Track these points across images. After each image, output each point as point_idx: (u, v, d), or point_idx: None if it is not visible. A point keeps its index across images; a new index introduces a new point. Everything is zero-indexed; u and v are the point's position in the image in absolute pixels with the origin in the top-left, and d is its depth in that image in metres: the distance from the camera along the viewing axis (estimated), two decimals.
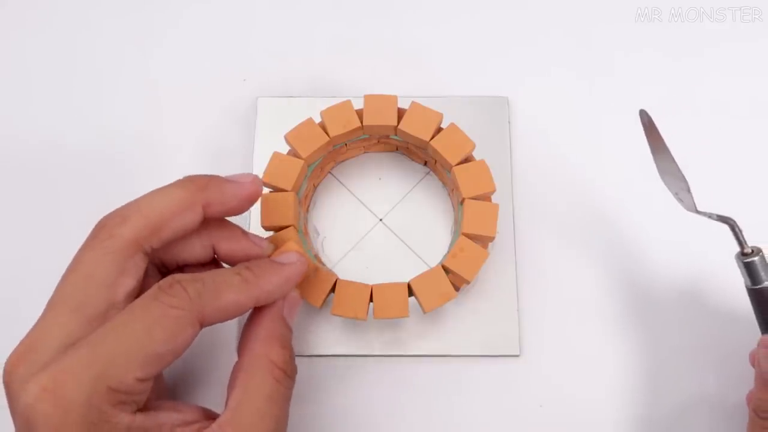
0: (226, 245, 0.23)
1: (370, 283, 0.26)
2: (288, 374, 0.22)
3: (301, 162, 0.27)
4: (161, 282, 0.20)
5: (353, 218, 0.30)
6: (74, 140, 0.32)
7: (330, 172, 0.31)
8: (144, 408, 0.20)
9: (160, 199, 0.21)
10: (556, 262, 0.29)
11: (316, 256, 0.28)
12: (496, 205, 0.26)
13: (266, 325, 0.22)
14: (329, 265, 0.29)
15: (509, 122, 0.31)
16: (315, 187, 0.30)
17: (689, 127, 0.31)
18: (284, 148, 0.28)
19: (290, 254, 0.24)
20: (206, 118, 0.32)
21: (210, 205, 0.22)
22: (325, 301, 0.26)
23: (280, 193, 0.26)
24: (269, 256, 0.24)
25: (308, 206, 0.30)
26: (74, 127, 0.32)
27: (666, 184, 0.25)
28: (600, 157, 0.31)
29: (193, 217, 0.22)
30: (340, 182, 0.30)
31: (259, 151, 0.30)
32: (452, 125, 0.27)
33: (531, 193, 0.30)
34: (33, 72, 0.33)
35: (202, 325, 0.21)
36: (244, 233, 0.24)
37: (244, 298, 0.21)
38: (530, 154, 0.31)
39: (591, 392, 0.27)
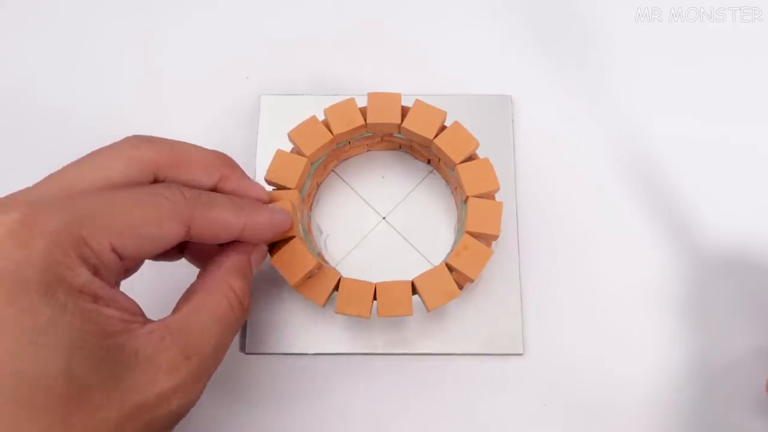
0: (231, 184, 0.23)
1: (374, 281, 0.26)
2: (243, 306, 0.22)
3: (305, 160, 0.27)
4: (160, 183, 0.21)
5: (356, 216, 0.30)
6: (77, 138, 0.31)
7: (333, 170, 0.30)
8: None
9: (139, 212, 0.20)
10: (559, 261, 0.29)
11: (320, 255, 0.28)
12: (500, 203, 0.26)
13: (233, 258, 0.23)
14: (332, 264, 0.29)
15: (513, 120, 0.31)
16: (318, 185, 0.30)
17: (689, 127, 0.31)
18: (287, 146, 0.28)
19: (282, 208, 0.24)
20: (209, 115, 0.32)
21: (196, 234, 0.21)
22: (328, 299, 0.26)
23: (279, 201, 0.26)
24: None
25: (311, 204, 0.30)
26: (76, 125, 0.32)
27: None
28: (603, 155, 0.31)
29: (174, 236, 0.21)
30: (344, 180, 0.30)
31: (262, 149, 0.30)
32: (456, 123, 0.27)
33: (534, 192, 0.30)
34: (35, 70, 0.33)
35: (187, 232, 0.20)
36: (247, 176, 0.24)
37: (233, 219, 0.22)
38: (534, 152, 0.31)
39: (595, 391, 0.28)
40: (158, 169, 0.21)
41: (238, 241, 0.23)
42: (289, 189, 0.26)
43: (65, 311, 0.17)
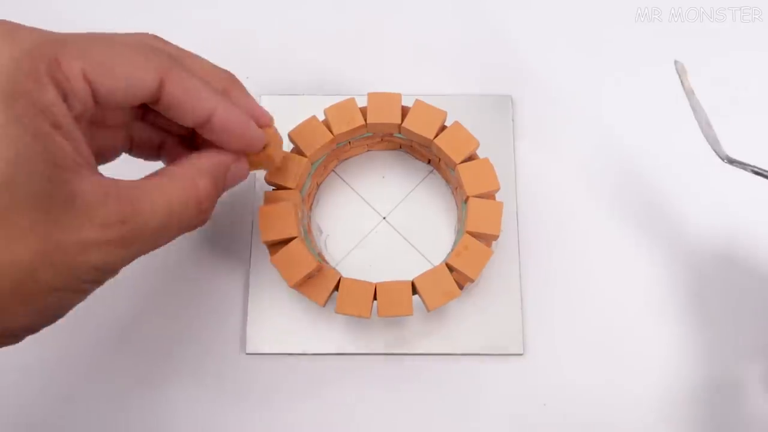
0: (232, 99, 0.23)
1: (374, 281, 0.26)
2: (200, 207, 0.21)
3: (305, 160, 0.27)
4: None
5: (357, 216, 0.30)
6: None
7: (333, 170, 0.30)
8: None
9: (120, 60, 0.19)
10: (559, 261, 0.29)
11: (320, 255, 0.28)
12: (501, 203, 0.26)
13: (209, 160, 0.22)
14: (333, 264, 0.29)
15: (513, 120, 0.31)
16: (318, 185, 0.30)
17: (689, 127, 0.31)
18: (287, 146, 0.28)
19: (263, 131, 0.23)
20: None
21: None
22: (328, 299, 0.26)
23: (278, 204, 0.26)
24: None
25: (311, 204, 0.30)
26: None
27: (704, 132, 0.25)
28: (603, 155, 0.31)
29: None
30: (344, 180, 0.30)
31: None
32: (456, 123, 0.27)
33: (534, 192, 0.30)
34: None
35: (159, 89, 0.20)
36: (251, 96, 0.24)
37: (206, 95, 0.21)
38: (534, 152, 0.31)
39: (595, 391, 0.28)
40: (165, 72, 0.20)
41: (217, 148, 0.22)
42: (289, 189, 0.26)
43: (18, 124, 0.16)
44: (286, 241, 0.26)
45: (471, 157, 0.27)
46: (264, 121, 0.24)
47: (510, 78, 0.32)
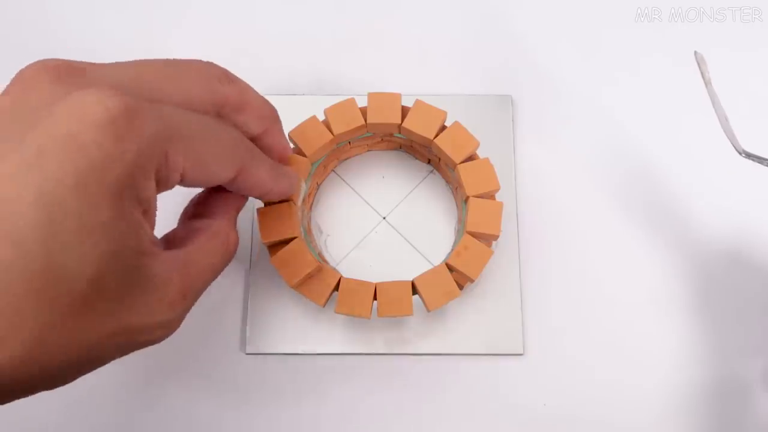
0: (272, 139, 0.24)
1: (374, 281, 0.26)
2: (230, 256, 0.22)
3: (306, 160, 0.27)
4: None
5: (357, 216, 0.30)
6: None
7: (333, 170, 0.30)
8: None
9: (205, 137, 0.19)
10: (560, 260, 0.29)
11: (320, 255, 0.28)
12: (501, 203, 0.26)
13: (235, 207, 0.23)
14: (333, 264, 0.29)
15: (513, 120, 0.31)
16: (318, 185, 0.30)
17: (689, 127, 0.31)
18: None
19: (297, 177, 0.25)
20: None
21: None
22: (328, 299, 0.26)
23: (278, 205, 0.26)
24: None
25: (311, 204, 0.30)
26: None
27: (722, 125, 0.25)
28: (603, 155, 0.31)
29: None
30: (344, 180, 0.30)
31: None
32: (456, 123, 0.27)
33: (534, 192, 0.30)
34: None
35: (234, 180, 0.21)
36: (284, 133, 0.25)
37: (269, 183, 0.22)
38: (534, 152, 0.31)
39: (595, 391, 0.28)
40: (224, 107, 0.21)
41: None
42: (286, 200, 0.26)
43: (123, 219, 0.16)
44: (286, 242, 0.26)
45: (471, 157, 0.27)
46: (288, 158, 0.25)
47: (510, 78, 0.32)
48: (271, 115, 0.23)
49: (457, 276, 0.26)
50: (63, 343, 0.16)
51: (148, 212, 0.18)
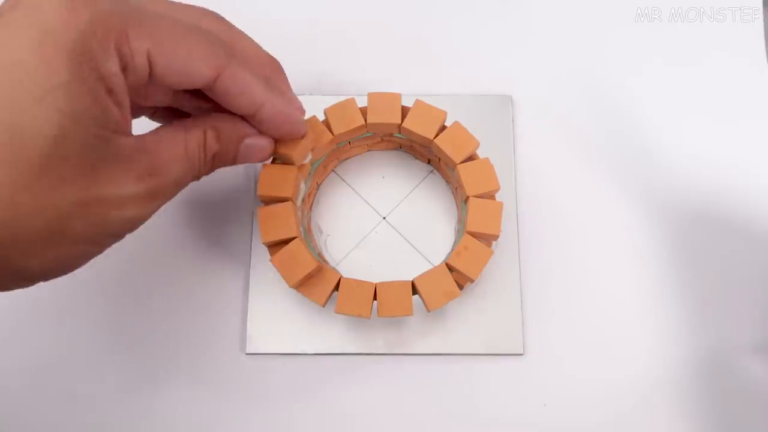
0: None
1: (374, 281, 0.26)
2: (206, 156, 0.22)
3: (294, 168, 0.26)
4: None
5: (357, 216, 0.30)
6: None
7: (333, 170, 0.30)
8: None
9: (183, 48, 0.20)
10: (559, 261, 0.29)
11: (320, 255, 0.28)
12: (501, 203, 0.26)
13: (227, 124, 0.23)
14: (333, 264, 0.29)
15: (513, 120, 0.31)
16: (318, 185, 0.30)
17: (689, 127, 0.31)
18: None
19: (304, 120, 0.25)
20: None
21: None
22: (328, 299, 0.26)
23: (278, 205, 0.26)
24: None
25: (311, 204, 0.30)
26: None
27: None
28: (603, 155, 0.31)
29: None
30: (344, 180, 0.30)
31: None
32: (456, 123, 0.27)
33: (534, 192, 0.30)
34: None
35: (213, 81, 0.21)
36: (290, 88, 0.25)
37: (258, 91, 0.22)
38: (534, 152, 0.31)
39: (595, 391, 0.28)
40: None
41: (239, 118, 0.23)
42: (286, 200, 0.26)
43: (81, 84, 0.17)
44: (286, 242, 0.26)
45: (471, 157, 0.27)
46: (299, 112, 0.25)
47: (510, 78, 0.32)
48: (272, 66, 0.24)
49: (457, 276, 0.26)
50: (31, 207, 0.17)
51: (114, 93, 0.18)
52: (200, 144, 0.22)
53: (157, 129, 0.21)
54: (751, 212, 0.30)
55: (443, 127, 0.27)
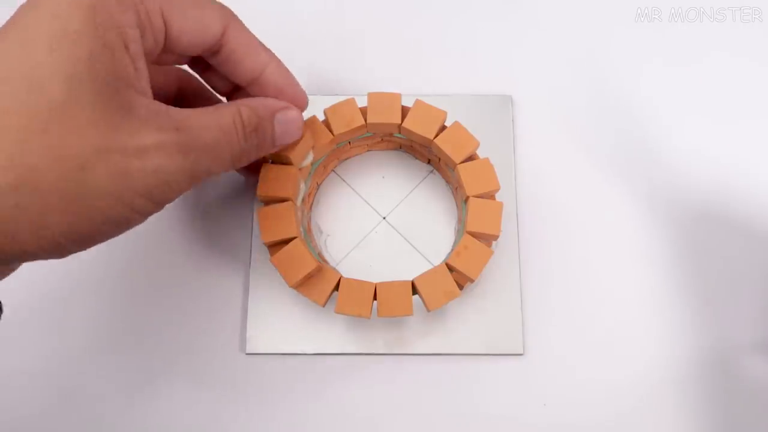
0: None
1: (374, 281, 0.26)
2: (245, 130, 0.22)
3: (294, 168, 0.26)
4: None
5: (357, 216, 0.30)
6: None
7: (333, 170, 0.30)
8: None
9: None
10: (559, 261, 0.29)
11: (320, 255, 0.28)
12: (501, 203, 0.26)
13: (256, 102, 0.23)
14: (333, 264, 0.29)
15: (513, 120, 0.31)
16: (318, 185, 0.30)
17: (689, 127, 0.31)
18: None
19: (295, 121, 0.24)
20: None
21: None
22: (328, 299, 0.26)
23: (278, 205, 0.26)
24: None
25: (311, 204, 0.30)
26: None
27: None
28: (603, 155, 0.31)
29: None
30: (344, 180, 0.30)
31: None
32: (456, 123, 0.27)
33: (534, 192, 0.30)
34: None
35: (222, 37, 0.22)
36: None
37: (263, 52, 0.23)
38: (534, 152, 0.31)
39: (595, 391, 0.28)
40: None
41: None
42: (286, 200, 0.26)
43: (95, 31, 0.17)
44: (286, 242, 0.26)
45: (471, 157, 0.27)
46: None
47: (510, 78, 0.32)
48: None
49: (457, 276, 0.26)
50: (48, 153, 0.17)
51: (130, 51, 0.18)
52: (235, 118, 0.21)
53: (181, 109, 0.21)
54: (751, 211, 0.30)
55: (443, 127, 0.27)
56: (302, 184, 0.27)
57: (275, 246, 0.26)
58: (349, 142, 0.29)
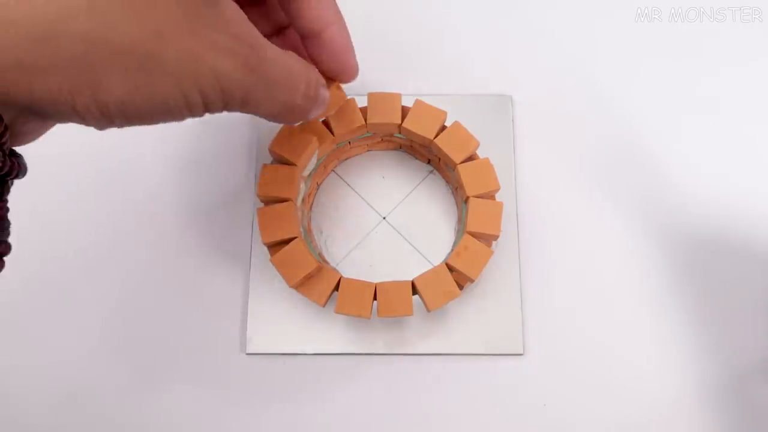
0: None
1: (374, 281, 0.26)
2: (308, 96, 0.21)
3: (294, 168, 0.26)
4: None
5: (357, 216, 0.30)
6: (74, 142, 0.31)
7: (333, 170, 0.30)
8: None
9: None
10: (560, 261, 0.29)
11: (320, 255, 0.28)
12: (501, 203, 0.26)
13: (311, 68, 0.22)
14: (333, 264, 0.29)
15: (513, 120, 0.31)
16: (318, 185, 0.30)
17: (689, 127, 0.31)
18: None
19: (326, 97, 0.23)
20: (210, 116, 0.31)
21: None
22: (328, 299, 0.26)
23: (278, 205, 0.26)
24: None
25: (311, 204, 0.30)
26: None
27: None
28: (603, 155, 0.31)
29: None
30: (344, 180, 0.30)
31: (264, 150, 0.30)
32: (456, 123, 0.27)
33: (534, 192, 0.30)
34: None
35: None
36: None
37: (332, 3, 0.23)
38: (534, 152, 0.31)
39: (595, 391, 0.28)
40: None
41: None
42: (287, 200, 0.26)
43: None
44: (286, 242, 0.26)
45: (471, 157, 0.27)
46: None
47: (510, 78, 0.32)
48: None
49: (457, 276, 0.26)
50: (128, 11, 0.16)
51: None
52: (308, 74, 0.21)
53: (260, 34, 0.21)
54: (755, 203, 0.30)
55: (443, 127, 0.27)
56: (302, 184, 0.27)
57: (275, 246, 0.26)
58: (349, 142, 0.29)
